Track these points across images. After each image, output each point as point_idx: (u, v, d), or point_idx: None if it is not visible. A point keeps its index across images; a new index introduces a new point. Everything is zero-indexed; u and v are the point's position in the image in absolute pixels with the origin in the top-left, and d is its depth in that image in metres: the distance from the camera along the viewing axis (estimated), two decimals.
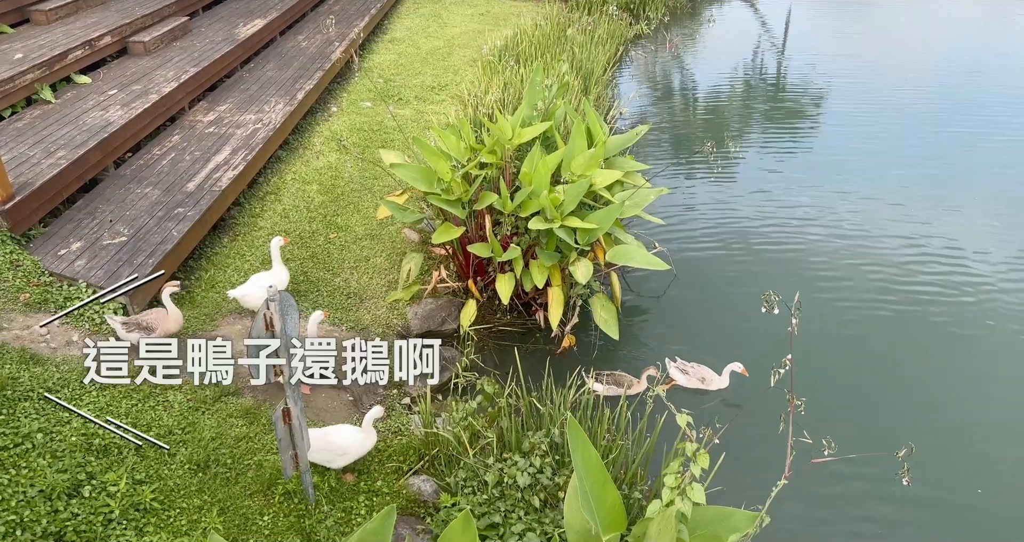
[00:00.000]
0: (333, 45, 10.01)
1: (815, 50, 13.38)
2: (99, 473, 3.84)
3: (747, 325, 5.95)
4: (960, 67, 12.70)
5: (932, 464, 4.58)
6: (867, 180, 8.40)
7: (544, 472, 4.01)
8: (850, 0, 17.63)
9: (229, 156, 6.87)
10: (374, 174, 7.37)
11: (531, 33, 10.77)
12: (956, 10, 16.80)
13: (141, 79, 7.79)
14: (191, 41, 9.08)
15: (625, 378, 5.19)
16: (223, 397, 4.64)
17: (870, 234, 7.29)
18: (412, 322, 5.70)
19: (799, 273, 6.66)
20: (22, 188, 5.56)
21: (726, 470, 4.03)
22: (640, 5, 14.24)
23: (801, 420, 2.66)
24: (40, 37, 7.97)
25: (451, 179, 5.45)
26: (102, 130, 6.56)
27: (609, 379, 5.18)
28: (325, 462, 4.12)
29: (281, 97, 8.24)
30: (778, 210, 7.73)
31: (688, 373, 5.27)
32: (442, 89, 9.51)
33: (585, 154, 5.64)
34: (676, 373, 5.31)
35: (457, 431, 4.32)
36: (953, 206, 7.86)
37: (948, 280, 6.57)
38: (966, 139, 9.52)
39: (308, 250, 6.21)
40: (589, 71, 9.80)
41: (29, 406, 4.16)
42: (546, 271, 5.44)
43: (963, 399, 5.27)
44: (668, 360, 5.38)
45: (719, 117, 10.57)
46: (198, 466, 4.08)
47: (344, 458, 4.11)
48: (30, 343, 4.72)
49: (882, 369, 5.52)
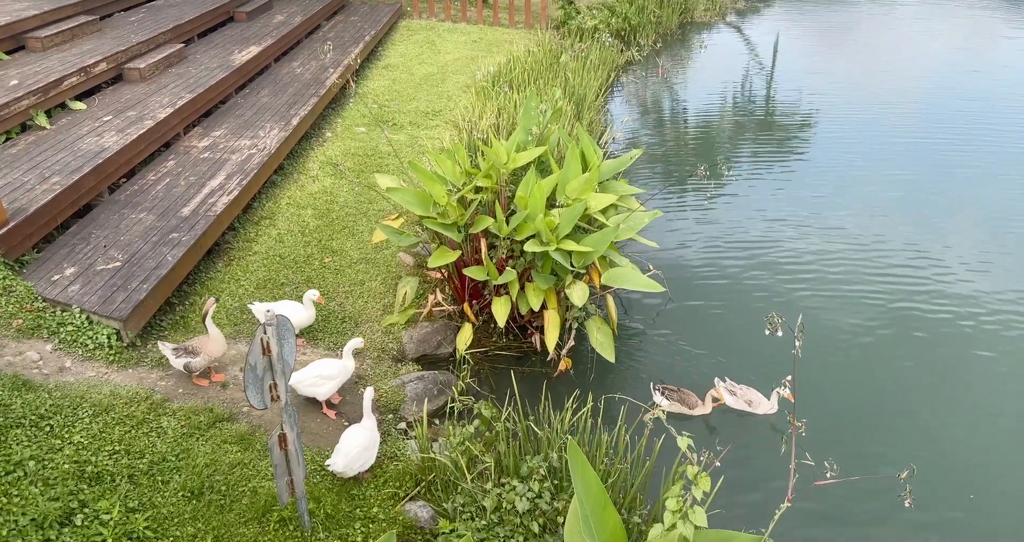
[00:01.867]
0: (328, 71, 10.09)
1: (803, 74, 13.59)
2: (92, 501, 3.79)
3: (744, 347, 5.96)
4: (947, 88, 12.91)
5: (935, 485, 4.57)
6: (859, 202, 8.49)
7: (543, 497, 3.98)
8: (836, 24, 17.95)
9: (224, 181, 6.88)
10: (369, 198, 7.39)
11: (524, 59, 10.90)
12: (941, 31, 17.12)
13: (136, 105, 7.83)
14: (186, 68, 9.14)
15: (691, 397, 5.21)
16: (217, 423, 4.60)
17: (864, 256, 7.34)
18: (407, 346, 5.69)
19: (793, 295, 6.69)
20: (16, 214, 5.55)
21: (727, 493, 4.01)
22: (631, 32, 14.46)
23: (803, 442, 2.66)
24: (36, 64, 8.01)
25: (447, 203, 5.48)
26: (97, 156, 6.57)
27: (675, 395, 5.21)
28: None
29: (276, 123, 8.28)
30: (770, 232, 7.79)
31: (736, 394, 5.25)
32: (436, 114, 9.59)
33: (580, 178, 5.68)
34: (724, 393, 5.29)
35: (455, 456, 4.29)
36: (948, 227, 7.94)
37: (945, 300, 6.61)
38: (956, 159, 9.66)
39: (303, 274, 6.20)
40: (582, 96, 9.91)
41: (21, 433, 4.11)
42: (542, 294, 5.45)
43: (964, 420, 5.27)
44: (717, 380, 5.38)
45: (710, 141, 10.68)
46: (192, 493, 4.03)
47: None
48: (23, 369, 4.67)
49: (881, 390, 5.53)
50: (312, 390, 4.79)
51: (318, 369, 4.79)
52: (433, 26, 13.79)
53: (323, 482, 4.28)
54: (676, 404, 5.20)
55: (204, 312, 4.81)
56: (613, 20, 14.13)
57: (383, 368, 5.44)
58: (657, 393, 5.29)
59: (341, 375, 4.85)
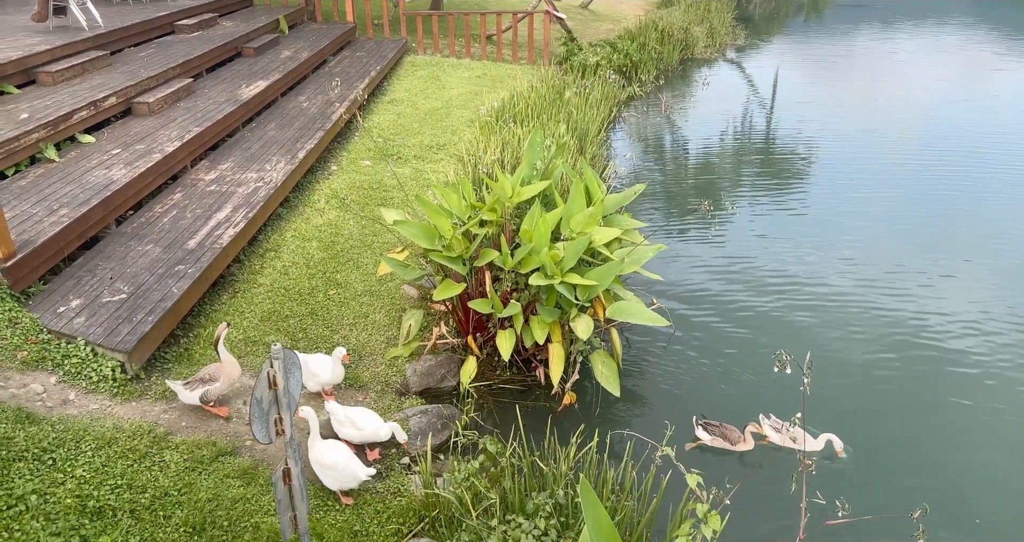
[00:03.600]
0: (334, 105, 10.23)
1: (802, 108, 13.77)
2: (93, 536, 3.75)
3: (750, 380, 5.94)
4: (946, 119, 13.08)
5: (948, 524, 4.52)
6: (862, 233, 8.53)
7: (549, 535, 3.93)
8: (834, 59, 18.22)
9: (230, 214, 6.93)
10: (373, 231, 7.44)
11: (527, 95, 11.05)
12: (937, 64, 17.38)
13: (144, 139, 7.92)
14: (194, 102, 9.27)
15: (733, 432, 5.17)
16: (220, 457, 4.57)
17: (870, 288, 7.35)
18: (411, 379, 5.66)
19: (799, 327, 6.68)
20: (24, 246, 5.58)
21: (737, 531, 3.95)
22: (632, 68, 14.68)
23: (813, 480, 2.64)
24: (46, 97, 8.13)
25: (452, 236, 5.51)
26: (105, 188, 6.63)
27: (717, 430, 5.17)
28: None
29: (282, 156, 8.37)
30: (774, 265, 7.81)
31: (781, 432, 5.19)
32: (440, 148, 9.69)
33: (584, 212, 5.73)
34: (769, 430, 5.23)
35: (459, 492, 4.25)
36: (955, 257, 7.97)
37: (953, 331, 6.60)
38: (959, 189, 9.75)
39: (307, 307, 6.21)
40: (584, 131, 10.03)
41: (23, 466, 4.08)
42: (546, 327, 5.45)
43: (974, 458, 5.22)
44: (762, 416, 5.32)
45: (712, 175, 10.78)
46: (194, 529, 3.98)
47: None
48: (26, 402, 4.65)
49: (887, 428, 5.49)
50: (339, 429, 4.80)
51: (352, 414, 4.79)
52: (438, 62, 14.01)
53: (326, 518, 4.23)
54: (718, 439, 5.16)
55: (217, 337, 4.80)
56: (615, 56, 14.35)
57: (387, 401, 5.42)
58: (699, 428, 5.24)
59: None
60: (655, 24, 17.06)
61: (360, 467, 4.34)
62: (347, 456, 4.35)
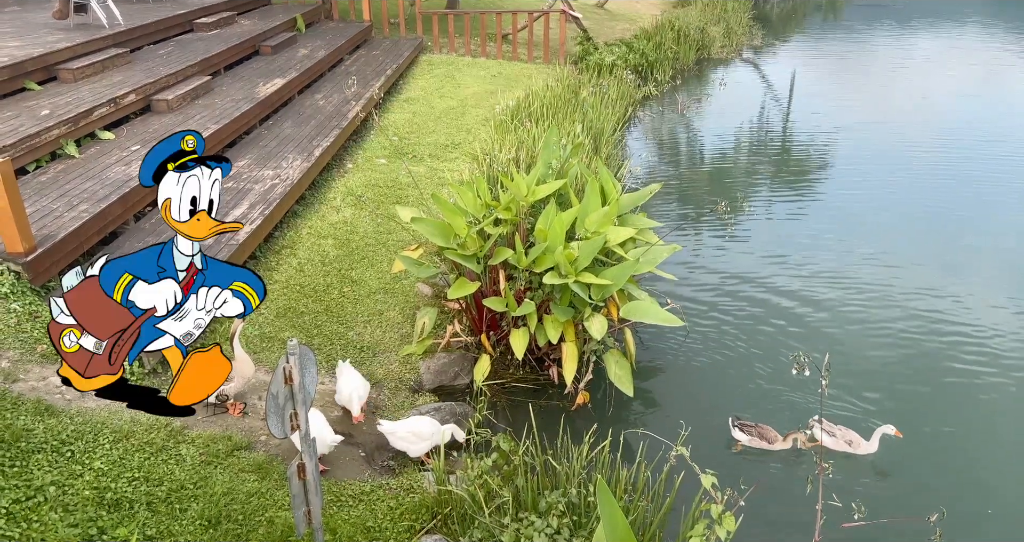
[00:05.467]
0: (350, 104, 10.27)
1: (819, 108, 13.68)
2: (110, 528, 3.79)
3: (764, 382, 5.91)
4: (965, 121, 12.94)
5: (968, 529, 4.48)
6: (880, 235, 8.47)
7: (562, 533, 3.93)
8: (852, 59, 18.09)
9: (247, 210, 6.98)
10: (388, 229, 7.47)
11: (542, 94, 11.05)
12: (957, 64, 17.21)
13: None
14: (212, 99, 9.34)
15: (770, 432, 5.15)
16: (235, 451, 4.60)
17: (886, 290, 7.28)
18: (424, 376, 5.69)
19: (814, 329, 6.64)
20: (44, 240, 5.65)
21: (751, 534, 3.94)
22: (648, 68, 14.64)
23: (829, 482, 2.63)
24: (67, 94, 8.22)
25: (467, 235, 5.52)
26: (124, 184, 6.69)
27: (754, 430, 5.16)
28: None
29: (298, 154, 8.41)
30: (790, 265, 7.77)
31: (835, 436, 5.14)
32: (455, 147, 9.71)
33: (599, 211, 5.72)
34: (822, 435, 5.15)
35: (472, 489, 4.26)
36: (974, 260, 7.90)
37: (969, 336, 6.53)
38: (978, 192, 9.66)
39: (322, 304, 6.24)
40: (600, 131, 10.01)
41: (43, 458, 4.13)
42: (560, 326, 5.45)
43: (992, 460, 5.17)
44: (813, 421, 5.24)
45: (728, 175, 10.73)
46: (209, 522, 4.02)
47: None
48: (46, 395, 4.71)
49: (908, 428, 5.43)
50: (404, 445, 4.82)
51: (413, 427, 4.80)
52: (453, 61, 14.04)
53: (339, 513, 4.26)
54: (756, 439, 5.15)
55: (232, 332, 4.82)
56: (631, 56, 14.32)
57: (400, 398, 5.44)
58: (736, 429, 5.22)
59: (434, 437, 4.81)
60: (671, 24, 17.01)
61: (330, 434, 4.53)
62: (320, 424, 4.50)
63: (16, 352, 4.95)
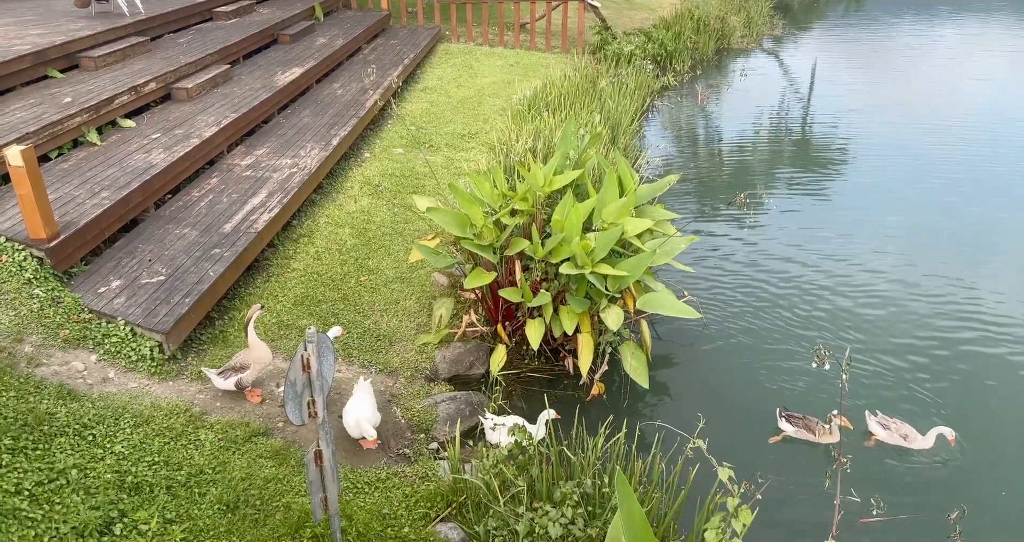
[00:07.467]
0: (368, 93, 10.28)
1: (840, 99, 13.50)
2: (131, 511, 3.85)
3: (781, 375, 5.88)
4: (989, 112, 12.73)
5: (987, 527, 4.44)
6: (901, 228, 8.38)
7: (576, 523, 3.94)
8: (874, 49, 17.83)
9: (265, 199, 7.02)
10: (405, 218, 7.48)
11: (560, 84, 10.99)
12: (982, 55, 16.91)
13: (183, 124, 8.04)
14: (231, 88, 9.38)
15: (815, 423, 5.13)
16: (253, 437, 4.65)
17: (907, 283, 7.21)
18: (440, 366, 5.71)
19: (832, 323, 6.59)
20: (67, 227, 5.71)
21: (767, 527, 3.93)
22: (667, 58, 14.52)
23: (848, 478, 2.61)
24: (88, 82, 8.28)
25: (483, 225, 5.53)
26: (145, 172, 6.75)
27: (800, 422, 5.16)
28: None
29: (317, 142, 8.44)
30: (808, 258, 7.70)
31: (890, 429, 5.11)
32: (472, 137, 9.70)
33: (617, 202, 5.70)
34: (877, 428, 5.14)
35: (487, 478, 4.28)
36: (991, 256, 7.79)
37: (993, 330, 6.46)
38: (1000, 185, 9.50)
39: (339, 292, 6.28)
40: (618, 121, 9.95)
41: (65, 442, 4.20)
42: (576, 317, 5.45)
43: (1014, 456, 5.12)
44: (869, 414, 5.23)
45: (746, 167, 10.64)
46: (227, 506, 4.07)
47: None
48: (68, 379, 4.78)
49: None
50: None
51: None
52: (471, 50, 13.99)
53: (355, 500, 4.30)
54: (802, 431, 5.13)
55: (248, 318, 4.83)
56: (650, 46, 14.21)
57: (416, 387, 5.47)
58: (783, 419, 5.22)
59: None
60: (691, 13, 16.84)
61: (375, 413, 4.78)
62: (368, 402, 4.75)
63: (39, 337, 5.02)
